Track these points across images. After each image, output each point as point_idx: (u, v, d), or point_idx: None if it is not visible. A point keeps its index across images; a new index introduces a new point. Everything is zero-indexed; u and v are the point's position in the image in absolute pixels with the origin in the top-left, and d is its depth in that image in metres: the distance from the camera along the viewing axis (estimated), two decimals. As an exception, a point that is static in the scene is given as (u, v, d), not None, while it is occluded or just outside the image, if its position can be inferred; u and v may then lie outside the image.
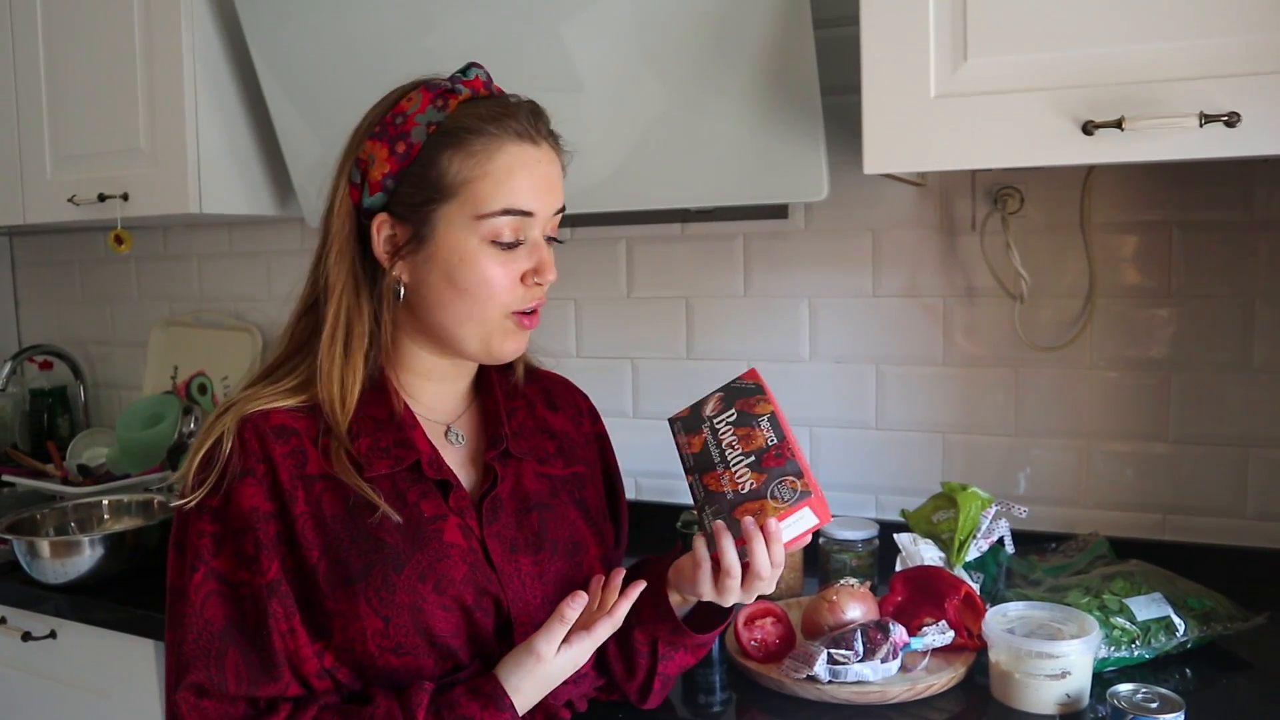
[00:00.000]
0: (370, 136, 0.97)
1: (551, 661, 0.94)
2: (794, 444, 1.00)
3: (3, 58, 1.99)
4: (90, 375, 2.54)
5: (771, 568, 0.94)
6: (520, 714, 0.93)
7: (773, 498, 0.95)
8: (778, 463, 0.97)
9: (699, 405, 1.09)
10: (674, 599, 1.04)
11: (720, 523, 0.96)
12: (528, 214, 0.96)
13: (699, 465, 1.02)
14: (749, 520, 0.94)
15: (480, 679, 0.94)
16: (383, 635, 0.91)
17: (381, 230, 0.97)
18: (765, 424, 1.01)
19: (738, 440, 1.01)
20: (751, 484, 0.97)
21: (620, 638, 1.04)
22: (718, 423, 1.04)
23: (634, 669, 1.07)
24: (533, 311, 1.00)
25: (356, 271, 0.98)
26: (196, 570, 0.92)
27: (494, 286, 0.96)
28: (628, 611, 1.02)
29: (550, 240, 1.01)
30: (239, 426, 0.93)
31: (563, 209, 1.01)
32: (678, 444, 1.07)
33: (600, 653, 1.05)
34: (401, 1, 1.54)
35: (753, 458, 0.99)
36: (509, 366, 1.11)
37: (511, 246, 0.96)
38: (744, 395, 1.06)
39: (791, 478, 0.96)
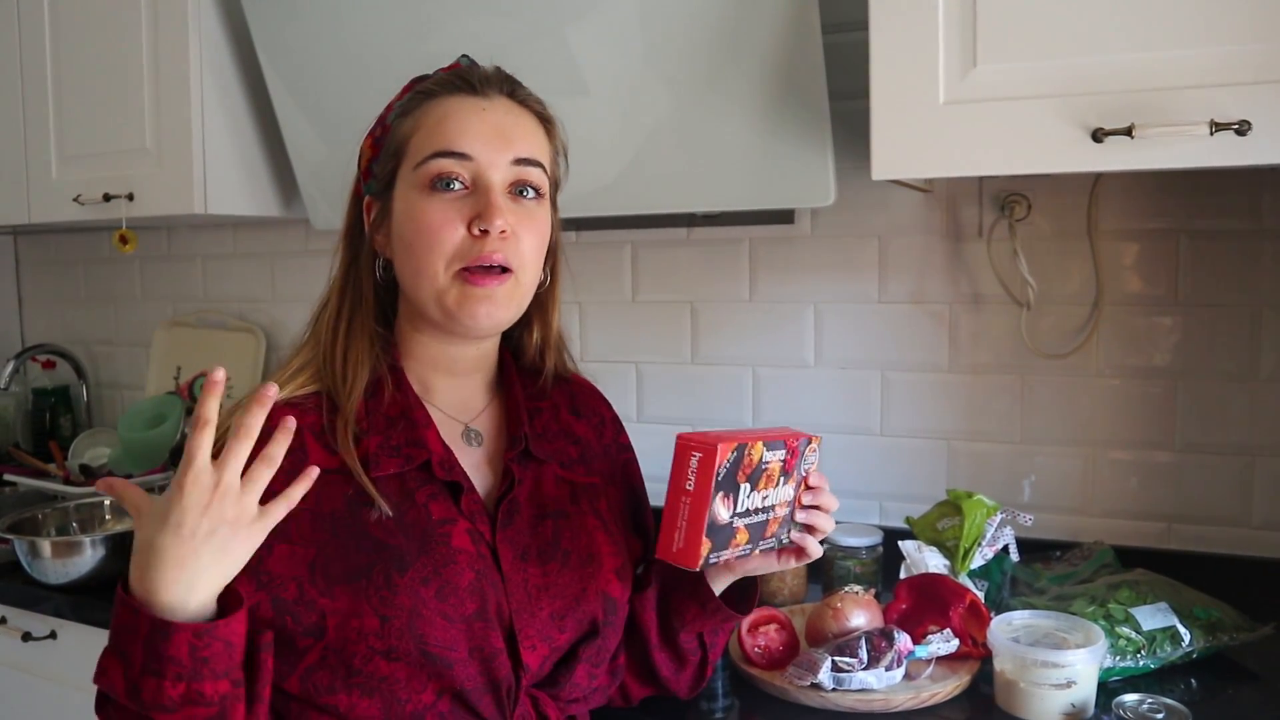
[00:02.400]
0: (368, 134, 1.02)
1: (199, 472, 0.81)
2: (776, 431, 0.99)
3: (9, 57, 1.99)
4: (93, 375, 2.54)
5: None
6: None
7: (806, 474, 1.02)
8: (795, 458, 0.99)
9: (717, 525, 0.91)
10: (718, 585, 1.04)
11: (798, 535, 1.02)
12: (462, 155, 0.94)
13: (755, 536, 0.97)
14: (817, 517, 1.02)
15: None
16: (378, 636, 0.88)
17: (370, 212, 1.00)
18: (769, 456, 0.95)
19: (765, 489, 0.96)
20: (790, 489, 0.99)
21: (668, 644, 1.07)
22: (742, 511, 0.94)
23: (685, 663, 1.09)
24: (487, 270, 0.93)
25: (355, 256, 1.01)
26: None
27: (434, 234, 0.93)
28: (660, 615, 1.05)
29: (521, 195, 0.96)
30: None
31: (533, 162, 0.96)
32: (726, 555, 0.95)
33: (646, 666, 1.07)
34: (408, 4, 1.54)
35: (780, 480, 0.98)
36: (536, 367, 1.08)
37: (448, 188, 0.94)
38: (736, 470, 0.92)
39: (808, 452, 1.00)
